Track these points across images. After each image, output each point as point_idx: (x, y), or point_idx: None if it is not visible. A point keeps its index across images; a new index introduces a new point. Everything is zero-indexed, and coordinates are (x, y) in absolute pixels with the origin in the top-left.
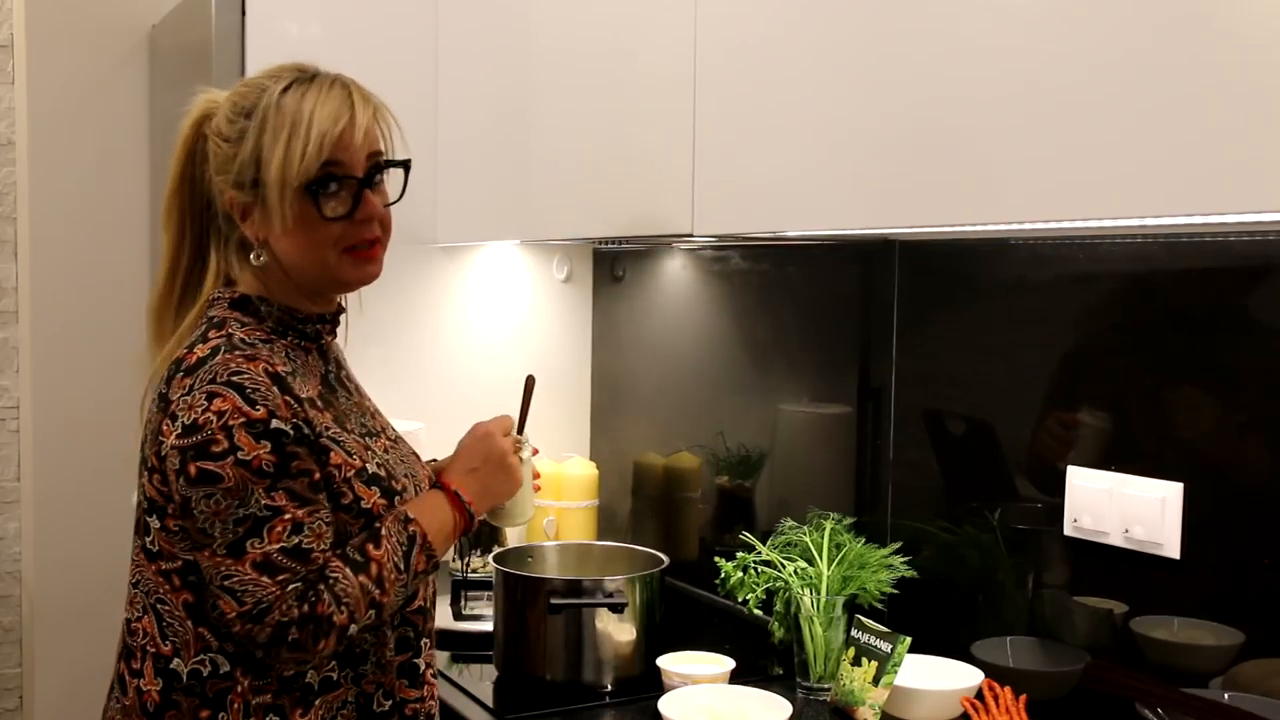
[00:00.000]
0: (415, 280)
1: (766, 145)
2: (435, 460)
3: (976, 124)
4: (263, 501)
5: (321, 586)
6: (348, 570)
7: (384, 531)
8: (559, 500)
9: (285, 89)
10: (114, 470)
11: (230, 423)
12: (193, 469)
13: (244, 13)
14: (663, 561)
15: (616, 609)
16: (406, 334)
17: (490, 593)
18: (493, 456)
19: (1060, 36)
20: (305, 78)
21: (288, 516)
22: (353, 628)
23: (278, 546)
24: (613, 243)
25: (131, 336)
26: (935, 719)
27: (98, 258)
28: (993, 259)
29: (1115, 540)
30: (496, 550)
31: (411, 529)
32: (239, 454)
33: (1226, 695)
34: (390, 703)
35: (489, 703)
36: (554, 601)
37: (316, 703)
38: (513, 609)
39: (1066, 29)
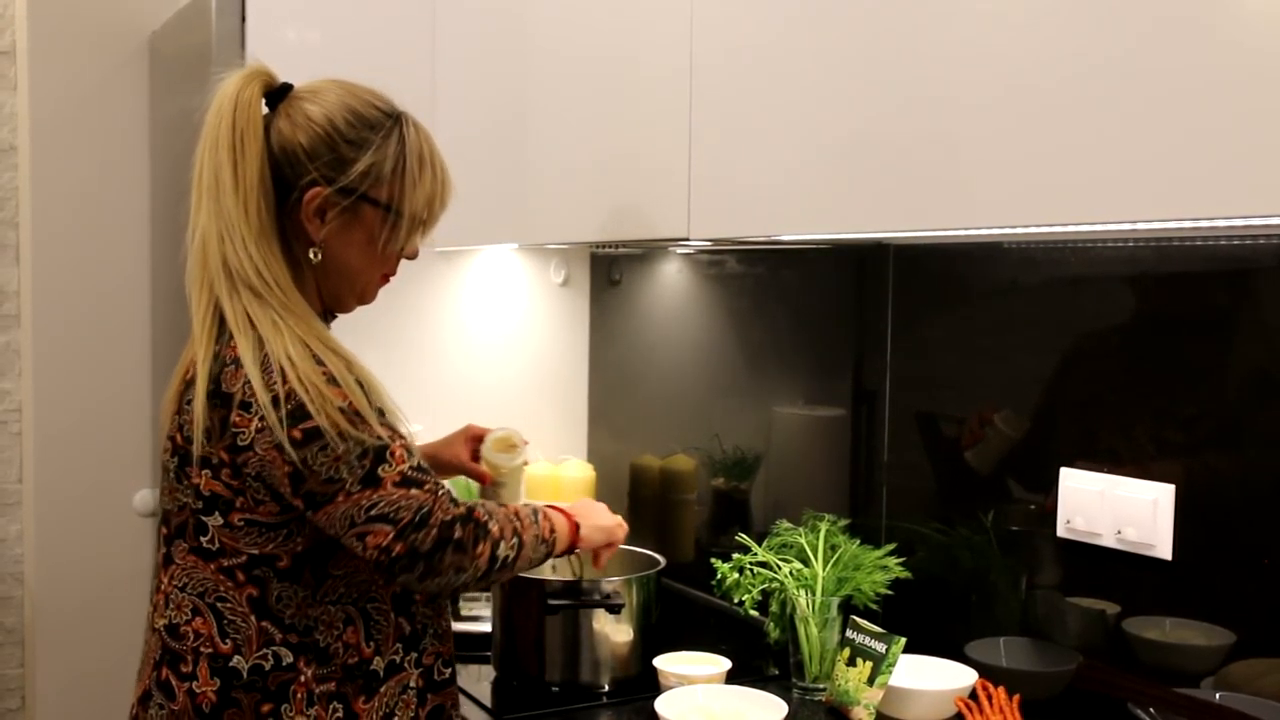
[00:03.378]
0: (413, 284)
1: (762, 149)
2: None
3: (970, 129)
4: (372, 435)
5: (473, 503)
6: (491, 505)
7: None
8: (556, 502)
9: (407, 123)
10: (115, 473)
11: (309, 383)
12: (297, 433)
13: (244, 19)
14: (659, 563)
15: (613, 610)
16: (405, 337)
17: (488, 594)
18: (614, 541)
19: (1052, 41)
20: (408, 117)
21: (398, 442)
22: (502, 545)
23: (406, 465)
24: (610, 246)
25: (133, 339)
26: (929, 719)
27: (99, 262)
28: (985, 262)
29: (1107, 541)
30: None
31: (534, 507)
32: (331, 404)
33: (1218, 695)
34: (450, 671)
35: (487, 703)
36: (551, 602)
37: (382, 689)
38: (510, 610)
39: (1059, 34)
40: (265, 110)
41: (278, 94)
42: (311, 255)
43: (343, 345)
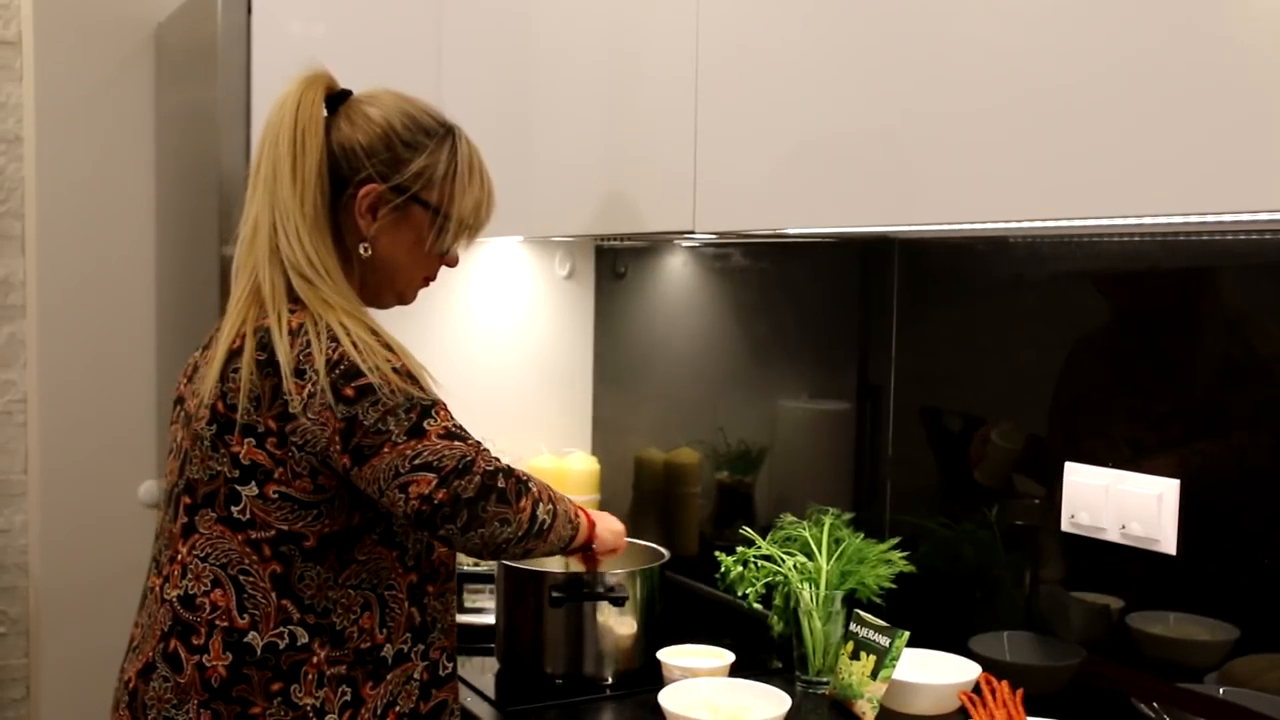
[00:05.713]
0: None
1: (767, 143)
2: None
3: (975, 123)
4: (421, 393)
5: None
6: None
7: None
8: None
9: (459, 136)
10: (120, 463)
11: (361, 346)
12: (349, 390)
13: (249, 11)
14: (663, 556)
15: (617, 603)
16: (409, 330)
17: (492, 586)
18: (620, 547)
19: (1059, 37)
20: (460, 130)
21: (442, 402)
22: (540, 507)
23: (450, 422)
24: (615, 240)
25: (138, 330)
26: (933, 713)
27: (104, 253)
28: (991, 257)
29: (1112, 536)
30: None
31: (567, 499)
32: (384, 361)
33: (1221, 690)
34: (453, 665)
35: (491, 695)
36: (555, 595)
37: (388, 676)
38: (514, 602)
39: (1065, 29)
40: (325, 113)
41: (337, 98)
42: (362, 250)
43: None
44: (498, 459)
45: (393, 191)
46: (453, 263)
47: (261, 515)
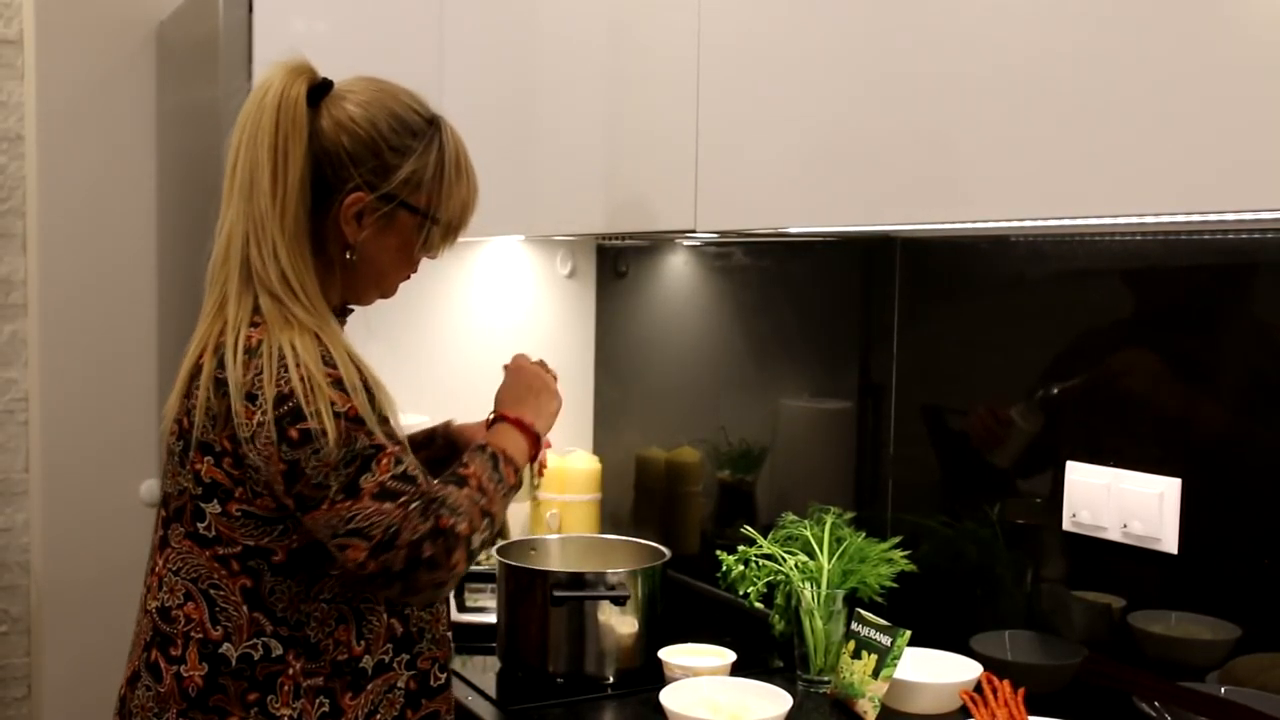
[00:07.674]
0: (419, 276)
1: (769, 142)
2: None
3: (977, 122)
4: (365, 442)
5: (435, 504)
6: (450, 487)
7: (466, 458)
8: (562, 494)
9: (444, 129)
10: (121, 462)
11: (311, 382)
12: (294, 433)
13: (251, 9)
14: (664, 555)
15: (618, 601)
16: (411, 329)
17: (493, 585)
18: (531, 382)
19: (1060, 33)
20: (442, 120)
21: (389, 450)
22: (475, 538)
23: (388, 475)
24: (616, 238)
25: (139, 329)
26: (934, 711)
27: (106, 251)
28: (992, 256)
29: (1113, 535)
30: (500, 543)
31: (490, 450)
32: (329, 406)
33: (1223, 689)
34: (445, 675)
35: (492, 694)
36: (556, 594)
37: (369, 686)
38: (515, 601)
39: (1067, 27)
40: (308, 109)
41: (318, 90)
42: (347, 256)
43: (356, 351)
44: (424, 518)
45: (380, 200)
46: (434, 255)
47: (227, 532)
